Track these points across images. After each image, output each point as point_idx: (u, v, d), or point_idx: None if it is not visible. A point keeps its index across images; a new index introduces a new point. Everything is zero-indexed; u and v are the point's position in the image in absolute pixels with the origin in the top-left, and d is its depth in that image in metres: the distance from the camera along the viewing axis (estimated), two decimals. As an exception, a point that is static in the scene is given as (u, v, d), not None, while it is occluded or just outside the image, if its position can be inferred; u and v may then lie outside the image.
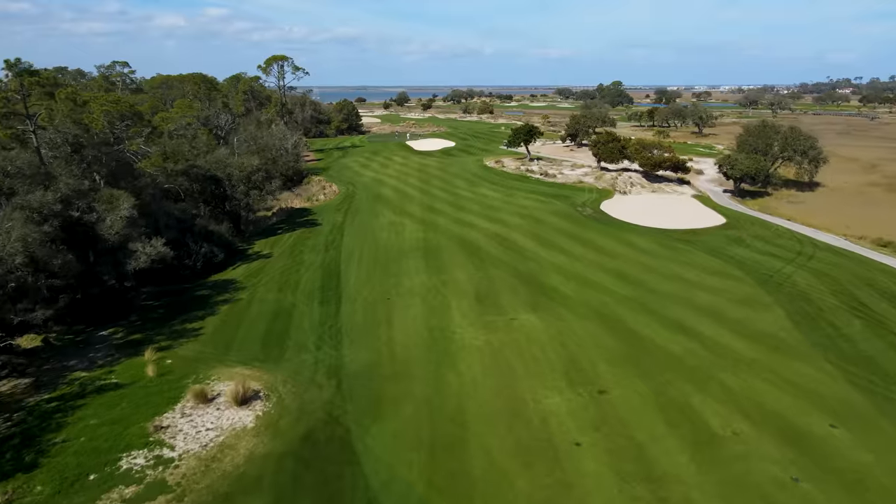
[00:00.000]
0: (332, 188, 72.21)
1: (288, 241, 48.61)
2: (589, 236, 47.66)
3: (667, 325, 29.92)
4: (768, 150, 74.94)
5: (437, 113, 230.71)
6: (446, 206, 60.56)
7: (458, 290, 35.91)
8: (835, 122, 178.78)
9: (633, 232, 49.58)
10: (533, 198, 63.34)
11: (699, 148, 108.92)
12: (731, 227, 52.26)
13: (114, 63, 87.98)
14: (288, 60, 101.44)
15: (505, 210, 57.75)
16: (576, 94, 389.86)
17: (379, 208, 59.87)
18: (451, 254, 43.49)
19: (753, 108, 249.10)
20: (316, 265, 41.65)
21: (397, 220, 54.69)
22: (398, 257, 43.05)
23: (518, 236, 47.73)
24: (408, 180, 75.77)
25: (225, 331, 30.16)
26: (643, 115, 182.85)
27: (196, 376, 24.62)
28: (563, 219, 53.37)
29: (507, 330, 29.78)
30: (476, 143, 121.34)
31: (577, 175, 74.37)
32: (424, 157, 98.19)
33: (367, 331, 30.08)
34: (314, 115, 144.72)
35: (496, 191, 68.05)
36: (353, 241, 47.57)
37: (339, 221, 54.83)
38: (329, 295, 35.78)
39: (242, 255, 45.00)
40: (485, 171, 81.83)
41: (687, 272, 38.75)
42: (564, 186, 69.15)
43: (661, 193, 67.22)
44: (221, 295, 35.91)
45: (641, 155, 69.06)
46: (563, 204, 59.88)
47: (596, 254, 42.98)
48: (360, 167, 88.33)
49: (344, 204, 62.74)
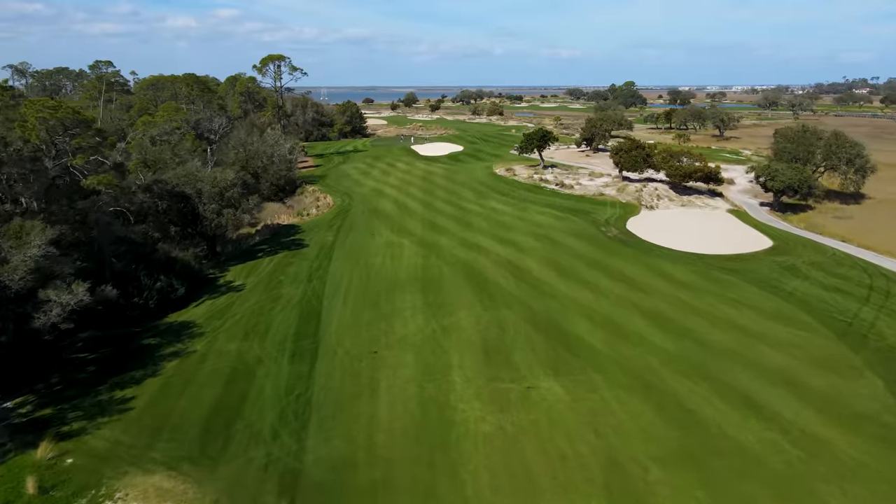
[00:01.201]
0: (327, 200, 65.71)
1: (267, 267, 42.10)
2: (616, 264, 40.74)
3: (732, 401, 23.03)
4: (809, 158, 67.65)
5: (446, 114, 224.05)
6: (451, 222, 53.85)
7: (461, 339, 29.21)
8: (859, 123, 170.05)
9: (666, 258, 42.61)
10: (548, 213, 56.45)
11: (725, 153, 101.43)
12: (780, 251, 45.14)
13: (97, 63, 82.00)
14: (285, 60, 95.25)
15: (517, 228, 50.92)
16: (587, 94, 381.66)
17: (375, 225, 53.27)
18: (454, 286, 36.79)
19: (773, 109, 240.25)
20: (294, 301, 35.08)
21: (395, 241, 48.06)
22: (392, 290, 36.42)
23: (533, 263, 40.92)
24: (410, 191, 69.14)
25: (162, 403, 23.62)
26: (659, 116, 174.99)
27: (96, 492, 18.01)
28: (585, 241, 46.44)
29: (524, 405, 23.03)
30: (485, 147, 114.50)
31: (597, 186, 67.40)
32: (430, 163, 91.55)
33: (343, 405, 23.44)
34: (316, 118, 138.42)
35: (507, 204, 61.25)
36: (342, 269, 40.99)
37: (328, 242, 48.26)
38: (304, 345, 29.18)
39: (211, 285, 38.53)
40: (494, 180, 75.04)
41: (741, 315, 31.79)
42: (583, 199, 62.18)
43: (692, 208, 60.15)
44: (172, 345, 29.40)
45: (669, 164, 62.02)
46: (584, 221, 52.93)
47: (626, 288, 36.08)
48: (359, 175, 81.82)
49: (337, 220, 56.18)
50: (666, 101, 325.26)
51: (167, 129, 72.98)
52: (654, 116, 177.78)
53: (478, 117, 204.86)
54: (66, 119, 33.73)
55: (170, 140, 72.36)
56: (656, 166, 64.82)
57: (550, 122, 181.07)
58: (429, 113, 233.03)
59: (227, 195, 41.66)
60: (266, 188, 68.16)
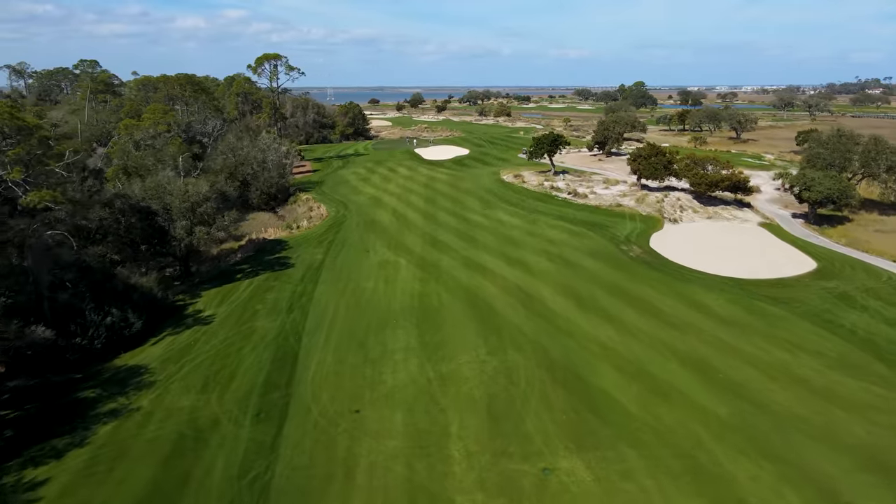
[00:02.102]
0: (321, 210, 60.76)
1: (244, 292, 37.14)
2: (642, 293, 35.46)
3: (809, 497, 17.78)
4: (846, 165, 62.08)
5: (452, 115, 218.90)
6: (454, 237, 48.74)
7: (462, 395, 24.11)
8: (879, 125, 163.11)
9: (699, 284, 37.30)
10: (561, 227, 51.19)
11: (746, 158, 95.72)
12: (828, 274, 39.72)
13: (81, 62, 77.47)
14: (281, 59, 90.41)
15: (527, 245, 45.73)
16: (596, 94, 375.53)
17: (371, 240, 48.24)
18: (455, 320, 31.68)
19: (788, 110, 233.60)
20: (269, 339, 30.08)
21: (391, 260, 43.03)
22: (383, 325, 31.36)
23: (546, 291, 35.73)
24: (410, 199, 64.11)
25: (79, 490, 18.65)
26: (672, 118, 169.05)
27: None
28: (604, 262, 41.15)
29: (540, 498, 17.90)
30: (492, 150, 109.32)
31: (613, 195, 62.05)
32: (433, 168, 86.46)
33: (310, 495, 18.39)
34: (317, 119, 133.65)
35: (516, 215, 56.07)
36: (329, 295, 35.97)
37: (317, 261, 43.28)
38: (273, 400, 24.18)
39: (177, 315, 33.59)
40: (502, 188, 69.85)
41: (798, 362, 26.50)
42: (599, 211, 56.86)
43: (720, 220, 54.71)
44: (114, 399, 24.45)
45: (693, 172, 56.61)
46: (601, 238, 47.62)
47: (657, 324, 30.84)
48: (358, 181, 76.86)
49: (329, 233, 51.19)
50: (676, 101, 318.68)
51: (152, 133, 68.43)
52: (667, 118, 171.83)
53: (484, 118, 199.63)
54: (3, 125, 28.91)
55: (154, 144, 67.84)
56: (678, 174, 59.43)
57: (559, 123, 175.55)
58: (435, 114, 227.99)
59: (199, 211, 36.71)
60: (256, 197, 63.34)
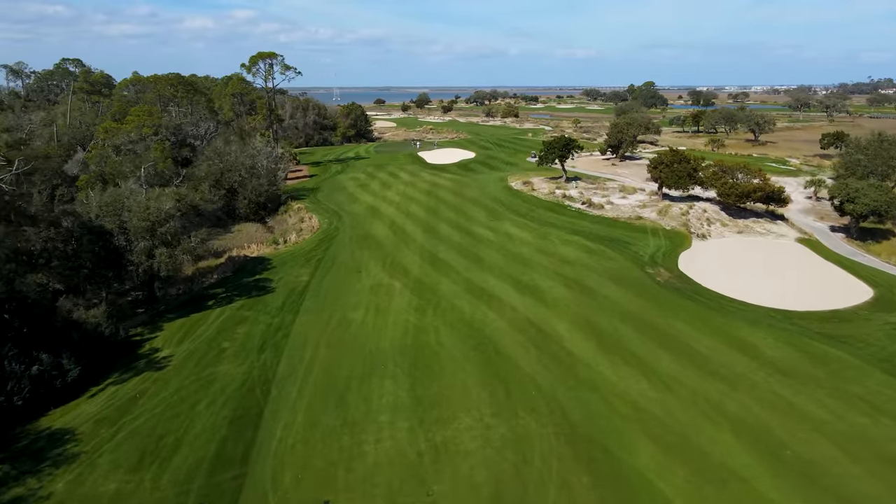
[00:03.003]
0: (312, 221, 55.74)
1: (213, 325, 32.13)
2: (676, 329, 30.17)
3: None
4: (889, 172, 56.52)
5: (458, 116, 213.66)
6: (456, 255, 43.61)
7: (460, 479, 18.98)
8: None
9: (741, 317, 31.95)
10: (576, 243, 45.91)
11: (769, 163, 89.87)
12: (889, 304, 34.28)
13: (63, 61, 72.77)
14: (277, 58, 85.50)
15: (539, 266, 40.51)
16: (605, 95, 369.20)
17: (363, 259, 43.20)
18: (455, 366, 26.54)
19: (804, 110, 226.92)
20: (231, 390, 25.04)
21: (384, 283, 37.97)
22: (369, 372, 26.27)
23: (563, 326, 30.51)
24: (411, 209, 59.01)
25: None
26: (686, 119, 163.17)
27: None
28: (628, 289, 35.83)
29: None
30: (499, 153, 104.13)
31: (632, 205, 56.66)
32: (437, 172, 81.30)
33: None
34: (318, 121, 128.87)
35: (525, 228, 50.82)
36: (310, 329, 30.92)
37: (301, 284, 38.26)
38: (222, 484, 19.14)
39: (129, 355, 28.60)
40: (510, 196, 64.60)
41: (885, 434, 21.17)
42: (617, 224, 51.47)
43: (752, 235, 49.24)
44: (23, 480, 19.47)
45: (722, 182, 51.13)
46: (622, 257, 42.29)
47: (698, 373, 25.57)
48: (356, 187, 71.82)
49: (318, 250, 46.16)
50: (686, 101, 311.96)
51: (133, 138, 63.64)
52: (681, 119, 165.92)
53: (491, 119, 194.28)
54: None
55: (135, 149, 63.08)
56: (704, 183, 53.98)
57: (569, 125, 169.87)
58: (441, 115, 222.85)
59: (160, 231, 31.71)
60: (243, 206, 58.40)
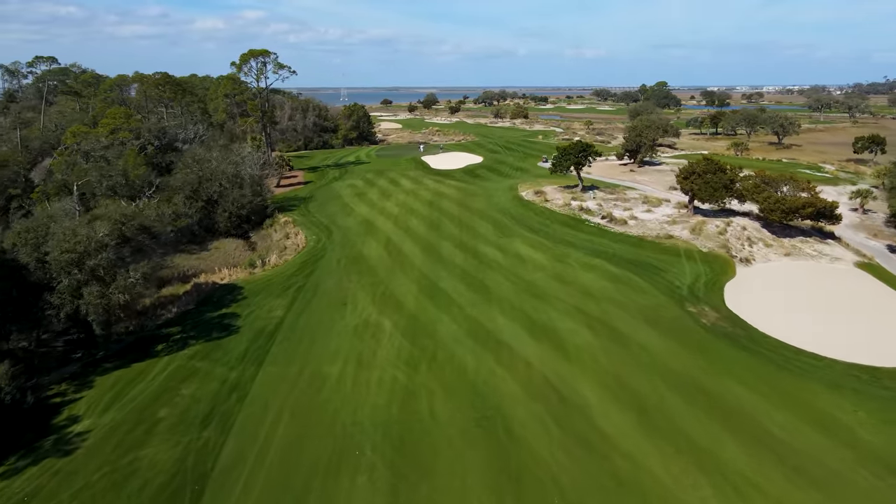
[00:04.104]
0: (299, 238, 49.59)
1: (154, 381, 25.96)
2: (739, 399, 23.59)
3: None
4: (954, 184, 49.54)
5: (466, 117, 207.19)
6: (459, 283, 37.29)
7: None
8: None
9: (816, 378, 25.34)
10: (599, 268, 39.39)
11: (801, 169, 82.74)
12: None
13: (36, 59, 67.11)
14: (270, 56, 79.44)
15: (557, 299, 34.05)
16: (615, 95, 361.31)
17: (351, 287, 36.97)
18: (452, 456, 20.19)
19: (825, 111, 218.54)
20: (150, 491, 18.81)
21: (371, 321, 31.70)
22: (338, 460, 19.99)
23: (591, 391, 24.05)
24: (410, 224, 52.74)
25: None
26: (704, 120, 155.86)
27: None
28: (669, 336, 29.24)
29: None
30: (508, 157, 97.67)
31: (660, 221, 49.99)
32: (441, 179, 74.98)
33: None
34: (317, 123, 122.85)
35: (539, 248, 44.38)
36: (272, 391, 24.69)
37: (273, 321, 32.07)
38: None
39: (37, 430, 22.49)
40: (520, 208, 58.17)
41: None
42: (644, 244, 44.86)
43: (801, 258, 42.49)
44: None
45: (765, 196, 44.39)
46: (655, 288, 35.70)
47: (776, 471, 19.06)
48: (352, 196, 65.67)
49: (300, 275, 39.97)
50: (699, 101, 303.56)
51: (104, 143, 57.75)
52: (698, 120, 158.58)
53: (500, 121, 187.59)
54: None
55: (106, 156, 57.20)
56: (743, 196, 47.24)
57: (580, 126, 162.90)
58: (448, 115, 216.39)
59: (89, 264, 25.58)
60: (223, 220, 52.30)
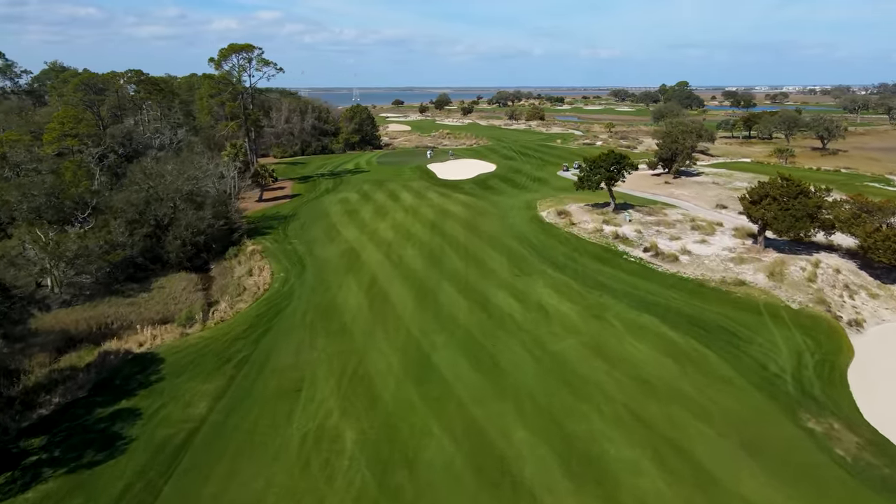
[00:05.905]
0: (262, 276, 39.55)
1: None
2: None
3: None
4: None
5: (479, 118, 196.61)
6: (460, 355, 26.95)
7: None
8: None
9: None
10: (652, 332, 28.76)
11: (867, 182, 71.12)
12: None
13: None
14: (254, 52, 69.70)
15: (599, 394, 23.51)
16: (634, 95, 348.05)
17: (313, 361, 26.75)
18: None
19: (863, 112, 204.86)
20: None
21: (328, 429, 21.47)
22: None
23: None
24: (405, 255, 42.52)
25: None
26: (736, 123, 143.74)
27: None
28: (786, 483, 18.54)
29: None
30: (525, 165, 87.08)
31: (720, 256, 39.14)
32: (448, 193, 64.63)
33: None
34: (317, 126, 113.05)
35: (567, 295, 33.84)
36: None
37: (189, 424, 21.95)
38: None
39: None
40: (541, 234, 47.64)
41: None
42: (706, 292, 34.03)
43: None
44: None
45: (871, 231, 33.42)
46: (741, 376, 24.89)
47: None
48: (341, 216, 55.61)
49: (248, 338, 29.79)
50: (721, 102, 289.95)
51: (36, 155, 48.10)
52: (729, 123, 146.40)
53: (515, 122, 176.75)
54: None
55: (39, 169, 47.66)
56: (835, 227, 36.29)
57: (601, 129, 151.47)
58: (460, 117, 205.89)
59: None
60: (174, 249, 42.26)
